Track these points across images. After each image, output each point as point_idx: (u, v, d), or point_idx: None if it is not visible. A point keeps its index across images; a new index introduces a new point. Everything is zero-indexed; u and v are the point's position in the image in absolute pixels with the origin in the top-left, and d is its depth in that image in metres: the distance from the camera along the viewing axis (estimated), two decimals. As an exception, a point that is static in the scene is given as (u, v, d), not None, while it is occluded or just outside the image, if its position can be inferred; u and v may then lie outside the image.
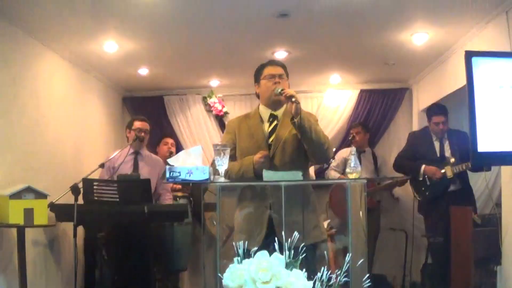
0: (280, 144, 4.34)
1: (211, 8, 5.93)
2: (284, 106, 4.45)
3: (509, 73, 5.08)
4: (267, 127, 4.46)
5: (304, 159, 4.44)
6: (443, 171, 6.85)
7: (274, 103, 4.46)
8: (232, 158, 4.39)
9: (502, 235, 5.55)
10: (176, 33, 6.80)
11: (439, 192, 6.86)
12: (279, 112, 4.49)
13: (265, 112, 4.52)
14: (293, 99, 4.07)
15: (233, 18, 6.29)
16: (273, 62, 4.62)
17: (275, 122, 4.46)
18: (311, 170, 8.20)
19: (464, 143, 6.27)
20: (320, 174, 8.64)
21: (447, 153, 6.90)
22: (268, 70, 4.48)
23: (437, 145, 7.03)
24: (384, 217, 9.11)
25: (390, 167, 8.95)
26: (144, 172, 6.57)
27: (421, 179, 7.06)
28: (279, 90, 4.24)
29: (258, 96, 4.63)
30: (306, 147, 4.22)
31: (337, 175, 8.14)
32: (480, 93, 5.02)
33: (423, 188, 7.06)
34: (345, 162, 8.20)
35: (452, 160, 6.74)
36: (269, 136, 4.42)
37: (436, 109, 6.98)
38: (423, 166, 7.00)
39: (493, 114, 5.02)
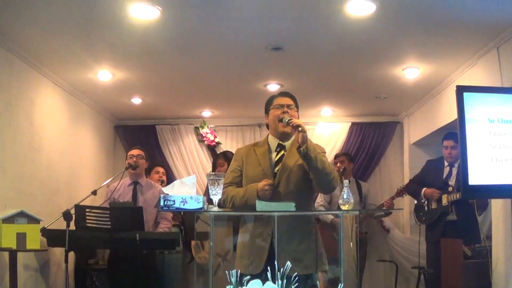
0: (285, 174, 4.32)
1: (204, 39, 6.00)
2: (292, 137, 4.48)
3: (499, 108, 5.16)
4: (274, 156, 4.45)
5: (309, 190, 4.42)
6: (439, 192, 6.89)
7: (282, 134, 4.44)
8: (238, 185, 4.43)
9: (492, 267, 5.57)
10: (170, 63, 6.86)
11: (435, 219, 6.88)
12: (287, 143, 4.47)
13: (273, 142, 4.51)
14: (300, 128, 4.07)
15: (226, 50, 6.36)
16: (283, 93, 4.59)
17: (282, 152, 4.45)
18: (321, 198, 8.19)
19: None
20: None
21: (452, 181, 6.91)
22: (278, 101, 4.48)
23: (446, 171, 7.04)
24: (374, 248, 9.13)
25: (376, 197, 9.00)
26: (143, 203, 6.54)
27: (423, 201, 7.10)
28: (287, 120, 4.25)
29: (267, 126, 4.62)
30: (312, 176, 4.19)
31: (330, 216, 8.05)
32: (471, 127, 5.09)
33: (421, 213, 7.12)
34: (330, 194, 8.18)
35: (450, 188, 6.76)
36: (276, 165, 4.40)
37: (448, 134, 7.01)
38: (424, 189, 7.06)
39: (484, 148, 5.09)
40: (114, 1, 4.92)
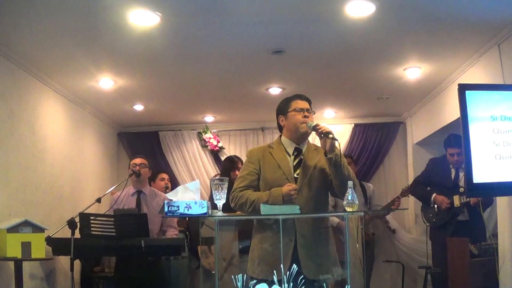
0: (306, 178, 4.31)
1: (206, 44, 5.99)
2: (307, 140, 4.49)
3: (502, 105, 5.14)
4: (292, 160, 4.41)
5: (326, 194, 4.45)
6: (451, 200, 6.83)
7: (300, 137, 4.42)
8: (256, 188, 4.38)
9: (499, 265, 5.55)
10: (171, 69, 6.87)
11: (446, 220, 6.84)
12: (303, 147, 4.45)
13: (289, 145, 4.46)
14: (331, 136, 4.04)
15: (228, 54, 6.36)
16: (300, 96, 4.52)
17: (299, 156, 4.42)
18: None
19: None
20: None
21: (461, 182, 6.87)
22: (297, 104, 4.42)
23: (453, 173, 7.00)
24: (380, 249, 9.11)
25: (380, 198, 9.00)
26: (147, 212, 6.50)
27: (432, 206, 7.04)
28: (313, 125, 4.22)
29: (280, 128, 4.58)
30: (337, 182, 4.18)
31: (336, 219, 7.99)
32: (474, 125, 5.07)
33: (431, 215, 7.04)
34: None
35: (461, 189, 6.71)
36: (295, 169, 4.37)
37: (452, 141, 6.93)
38: (434, 194, 7.00)
39: (488, 146, 5.07)
40: (114, 8, 4.92)
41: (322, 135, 4.11)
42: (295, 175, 4.34)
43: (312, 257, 4.12)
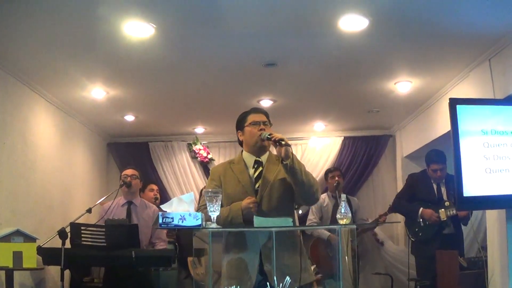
0: (267, 190, 4.30)
1: (199, 56, 6.02)
2: (267, 152, 4.49)
3: (492, 120, 5.19)
4: (252, 173, 4.41)
5: (290, 204, 4.43)
6: (437, 214, 6.85)
7: (258, 149, 4.43)
8: None
9: (488, 277, 5.59)
10: (163, 80, 6.88)
11: (432, 234, 6.85)
12: (263, 158, 4.46)
13: (249, 159, 4.47)
14: (283, 142, 4.04)
15: (220, 66, 6.39)
16: (256, 110, 4.58)
17: (260, 168, 4.42)
18: (313, 215, 8.19)
19: None
20: (302, 218, 8.55)
21: (444, 196, 6.90)
22: (253, 117, 4.45)
23: (435, 187, 7.03)
24: (369, 261, 9.13)
25: (369, 211, 9.02)
26: (137, 223, 6.50)
27: (419, 220, 7.04)
28: (267, 135, 4.23)
29: (241, 143, 4.60)
30: (296, 189, 4.20)
31: (326, 232, 8.02)
32: (465, 139, 5.12)
33: (416, 229, 7.02)
34: (321, 209, 8.16)
35: (447, 203, 6.75)
36: (255, 182, 4.37)
37: (434, 158, 6.95)
38: (421, 209, 6.99)
39: (478, 160, 5.11)
40: (108, 19, 4.93)
41: (277, 144, 4.11)
42: (256, 187, 4.34)
43: (278, 267, 4.11)
